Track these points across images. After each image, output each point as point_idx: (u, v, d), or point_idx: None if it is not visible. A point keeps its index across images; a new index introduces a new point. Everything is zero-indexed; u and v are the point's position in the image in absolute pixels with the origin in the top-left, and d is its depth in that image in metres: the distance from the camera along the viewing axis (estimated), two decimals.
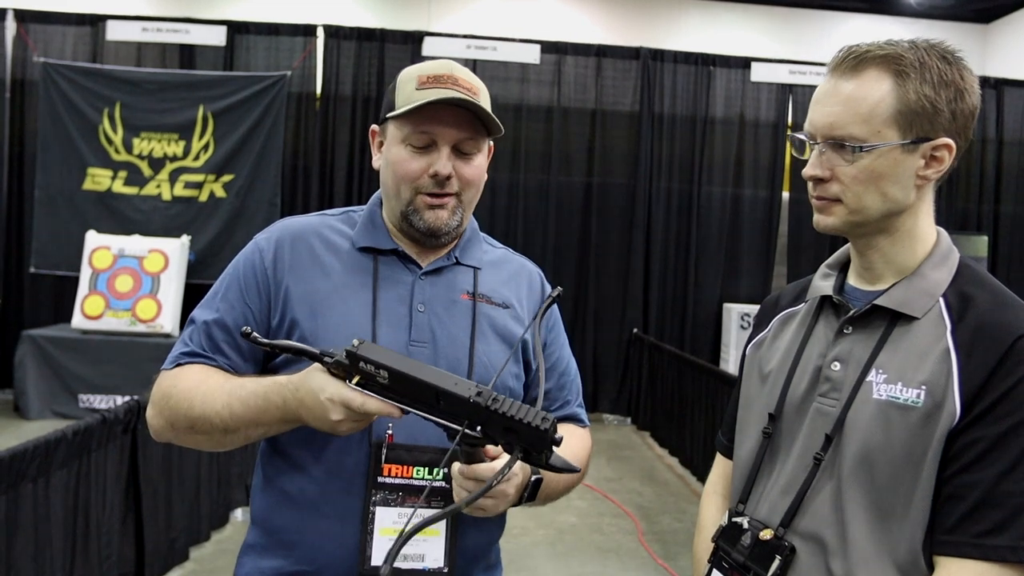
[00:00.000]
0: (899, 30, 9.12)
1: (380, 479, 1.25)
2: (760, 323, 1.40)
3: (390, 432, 1.26)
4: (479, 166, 1.35)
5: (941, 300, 1.17)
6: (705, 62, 7.89)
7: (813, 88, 7.33)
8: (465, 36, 7.66)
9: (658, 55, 7.85)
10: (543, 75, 7.73)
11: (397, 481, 1.26)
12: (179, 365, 1.32)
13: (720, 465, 1.44)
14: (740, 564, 1.20)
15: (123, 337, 6.32)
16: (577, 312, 7.73)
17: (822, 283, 1.30)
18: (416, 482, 1.26)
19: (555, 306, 1.50)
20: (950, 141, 1.13)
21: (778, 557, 1.16)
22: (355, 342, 1.09)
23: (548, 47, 7.70)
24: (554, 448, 1.04)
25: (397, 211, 1.35)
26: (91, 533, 2.95)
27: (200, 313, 1.36)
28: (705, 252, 7.92)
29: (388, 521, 1.25)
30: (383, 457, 1.25)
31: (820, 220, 1.21)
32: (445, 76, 1.30)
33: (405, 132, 1.31)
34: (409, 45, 7.53)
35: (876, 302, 1.18)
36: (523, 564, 4.09)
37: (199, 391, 1.26)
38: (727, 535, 1.25)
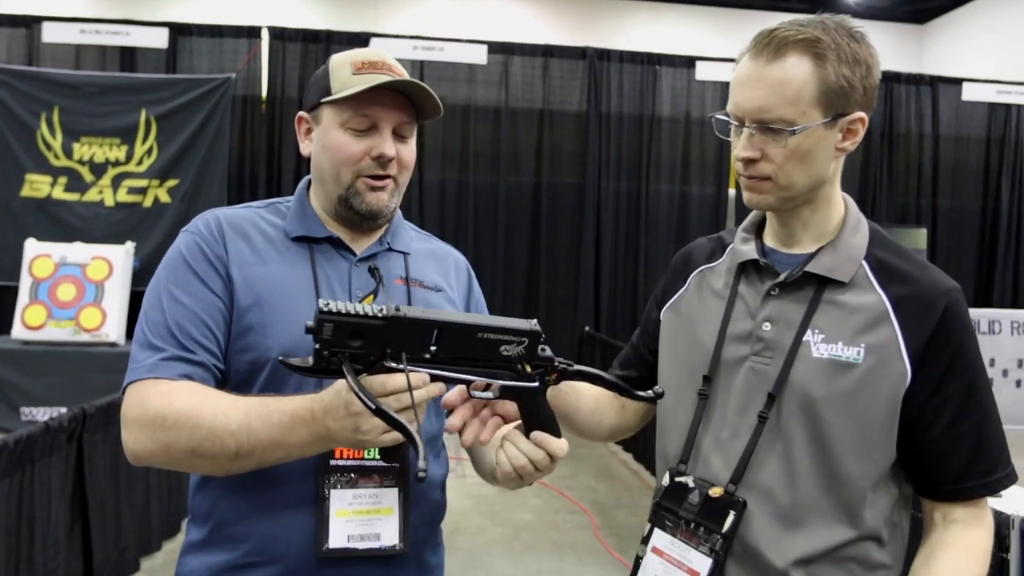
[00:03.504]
0: None
1: (332, 462, 1.25)
2: (674, 282, 1.43)
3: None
4: (414, 149, 1.39)
5: (864, 264, 1.25)
6: (651, 61, 7.99)
7: None
8: (412, 37, 7.64)
9: (604, 55, 7.93)
10: (490, 75, 7.75)
11: (349, 463, 1.26)
12: (158, 378, 1.20)
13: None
14: (689, 521, 1.23)
15: (67, 347, 6.16)
16: (528, 311, 7.76)
17: (744, 247, 1.33)
18: (368, 463, 1.26)
19: (479, 291, 1.54)
20: (863, 114, 1.21)
21: (732, 512, 1.20)
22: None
23: (495, 47, 7.72)
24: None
25: (335, 195, 1.35)
26: (36, 545, 2.88)
27: (158, 314, 1.25)
28: (654, 249, 8.01)
29: (343, 503, 1.25)
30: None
31: (753, 198, 1.25)
32: (380, 63, 1.32)
33: (345, 116, 1.31)
34: (356, 46, 7.45)
35: (808, 269, 1.24)
36: (480, 563, 4.09)
37: (206, 409, 1.16)
38: (671, 495, 1.27)
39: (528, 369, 1.09)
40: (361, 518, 1.26)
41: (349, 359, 1.00)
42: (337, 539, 1.24)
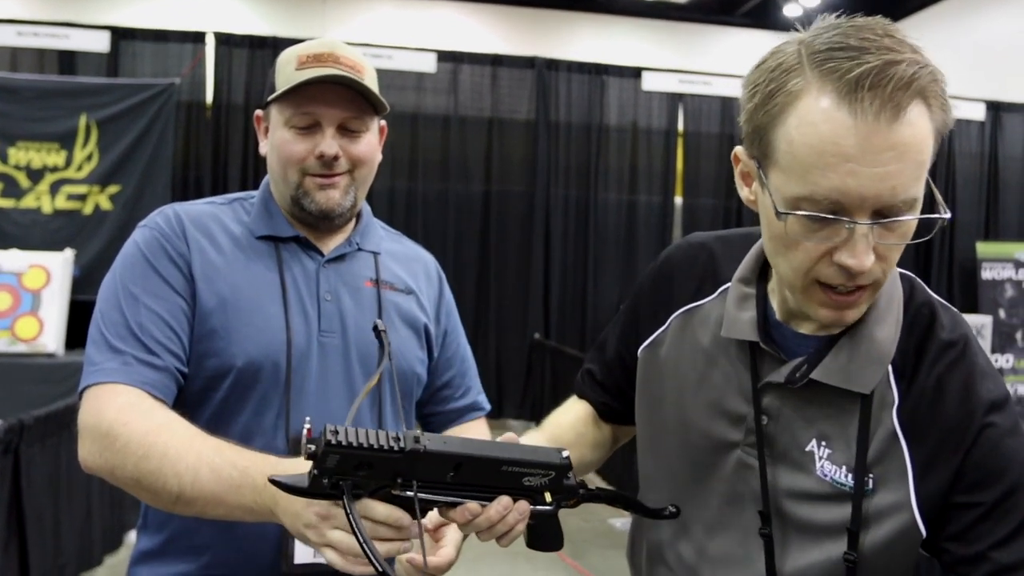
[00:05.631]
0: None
1: None
2: (653, 313, 1.16)
3: (308, 426, 1.15)
4: (369, 144, 1.32)
5: (889, 366, 0.94)
6: (598, 71, 8.07)
7: (702, 97, 7.46)
8: (360, 44, 7.59)
9: (552, 64, 7.98)
10: (439, 84, 7.74)
11: None
12: (117, 384, 1.12)
13: (578, 407, 1.30)
14: None
15: (1, 358, 5.98)
16: (479, 319, 7.76)
17: (741, 316, 1.02)
18: None
19: (450, 295, 1.50)
20: None
21: None
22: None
23: (444, 56, 7.72)
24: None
25: (287, 195, 1.31)
26: None
27: (116, 314, 1.18)
28: (603, 257, 8.08)
29: None
30: (302, 452, 1.20)
31: (845, 317, 0.90)
32: (326, 55, 1.26)
33: (287, 114, 1.27)
34: None
35: (814, 376, 0.95)
36: None
37: (160, 439, 1.06)
38: None
39: (548, 498, 1.00)
40: None
41: (352, 487, 0.88)
42: (304, 554, 1.19)
